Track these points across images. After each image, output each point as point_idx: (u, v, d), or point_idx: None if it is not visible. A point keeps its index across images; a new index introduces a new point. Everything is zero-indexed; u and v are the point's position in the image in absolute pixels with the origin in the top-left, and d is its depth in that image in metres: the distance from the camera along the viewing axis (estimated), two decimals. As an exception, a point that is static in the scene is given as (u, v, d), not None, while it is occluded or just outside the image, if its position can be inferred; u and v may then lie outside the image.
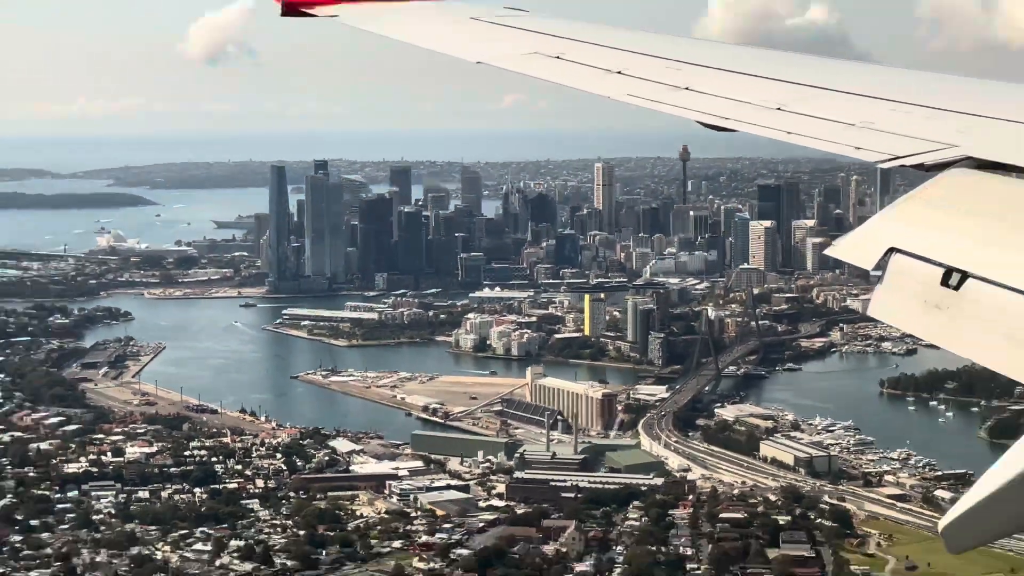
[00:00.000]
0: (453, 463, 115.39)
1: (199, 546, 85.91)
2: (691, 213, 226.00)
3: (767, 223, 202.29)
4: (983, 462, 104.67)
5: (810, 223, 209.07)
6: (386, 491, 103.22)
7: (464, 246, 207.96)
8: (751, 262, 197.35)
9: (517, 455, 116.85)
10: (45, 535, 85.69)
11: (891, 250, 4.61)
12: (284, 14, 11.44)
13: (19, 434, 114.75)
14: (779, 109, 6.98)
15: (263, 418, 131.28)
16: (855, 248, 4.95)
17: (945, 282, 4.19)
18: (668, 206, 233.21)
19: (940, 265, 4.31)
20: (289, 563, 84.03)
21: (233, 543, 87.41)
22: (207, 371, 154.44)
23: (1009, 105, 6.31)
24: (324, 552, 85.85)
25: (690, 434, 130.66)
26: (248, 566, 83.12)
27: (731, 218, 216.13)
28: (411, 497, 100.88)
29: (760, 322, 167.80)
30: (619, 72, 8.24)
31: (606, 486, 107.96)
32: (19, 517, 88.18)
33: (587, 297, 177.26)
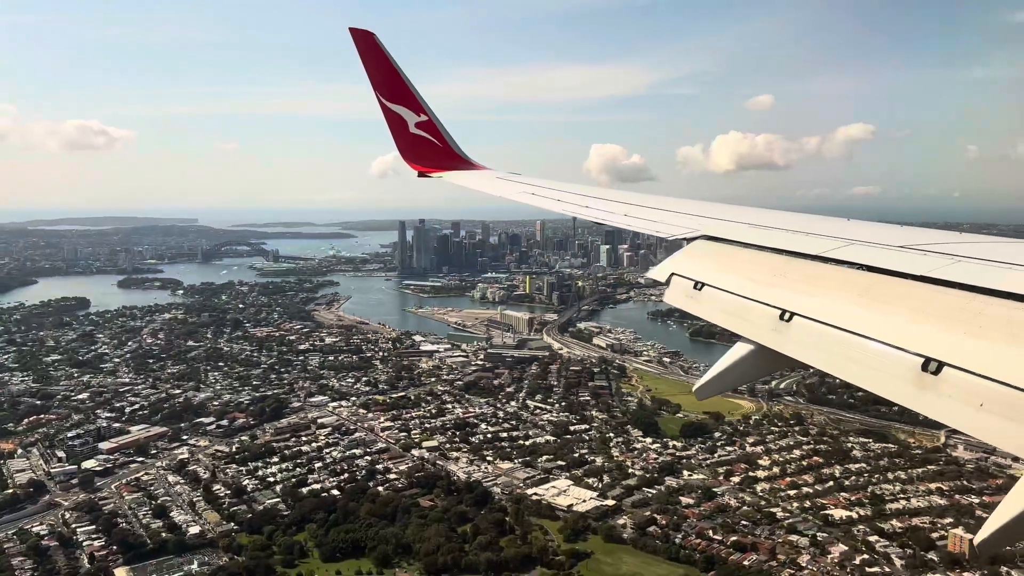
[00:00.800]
0: (465, 347, 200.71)
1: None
2: (577, 242, 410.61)
3: (607, 246, 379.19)
4: (685, 345, 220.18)
5: (625, 246, 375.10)
6: (433, 357, 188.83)
7: (481, 256, 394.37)
8: (601, 262, 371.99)
9: (488, 343, 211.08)
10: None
11: (672, 274, 8.84)
12: (419, 176, 19.15)
13: (282, 333, 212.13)
14: (625, 215, 12.64)
15: (386, 326, 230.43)
16: (658, 272, 9.23)
17: (695, 287, 8.36)
18: (567, 240, 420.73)
19: (693, 280, 8.47)
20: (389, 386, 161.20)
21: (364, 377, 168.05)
22: (368, 307, 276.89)
23: (719, 213, 11.36)
24: (412, 379, 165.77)
25: (564, 335, 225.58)
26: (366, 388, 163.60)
27: (594, 244, 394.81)
28: (443, 359, 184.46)
29: (600, 287, 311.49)
30: (558, 200, 14.99)
31: (524, 354, 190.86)
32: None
33: (528, 277, 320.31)
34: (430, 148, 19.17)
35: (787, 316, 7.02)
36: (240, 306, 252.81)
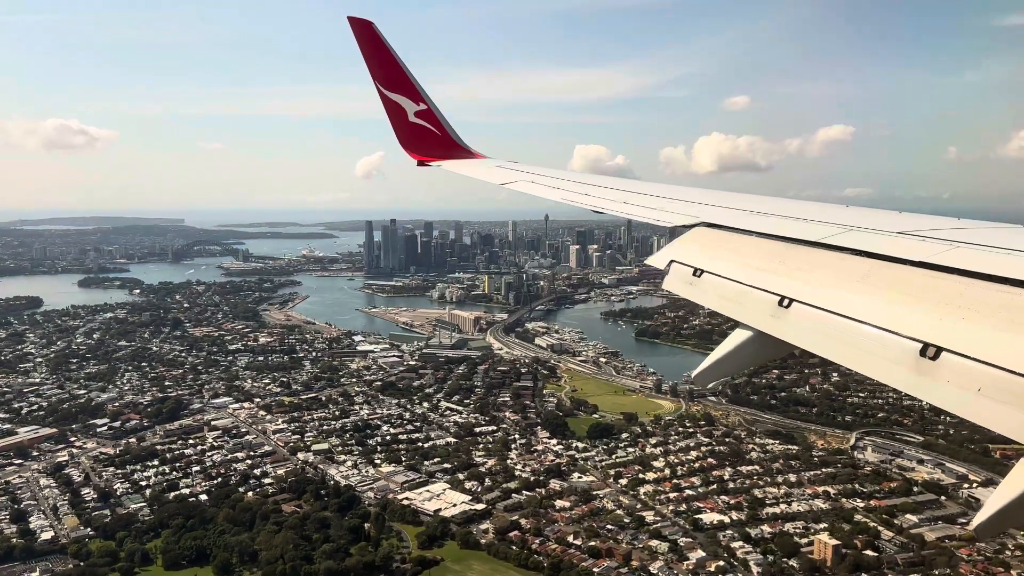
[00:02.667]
0: (404, 347, 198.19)
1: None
2: (548, 242, 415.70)
3: (576, 246, 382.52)
4: (630, 346, 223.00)
5: (594, 247, 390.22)
6: (367, 358, 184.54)
7: (451, 256, 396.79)
8: (570, 262, 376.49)
9: (426, 343, 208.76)
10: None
11: (672, 261, 8.95)
12: (419, 165, 18.86)
13: (220, 333, 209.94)
14: (624, 203, 12.53)
15: (332, 326, 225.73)
16: (657, 259, 9.19)
17: (694, 274, 8.41)
18: (539, 240, 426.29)
19: (692, 267, 8.54)
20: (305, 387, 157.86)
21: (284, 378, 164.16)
22: (324, 306, 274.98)
23: (718, 200, 11.35)
24: (332, 379, 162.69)
25: (509, 335, 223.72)
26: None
27: (564, 244, 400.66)
28: (375, 359, 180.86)
29: (560, 287, 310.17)
30: (556, 188, 14.74)
31: (458, 355, 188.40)
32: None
33: (487, 277, 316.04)
34: (429, 137, 19.04)
35: (786, 302, 7.04)
36: (186, 305, 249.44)
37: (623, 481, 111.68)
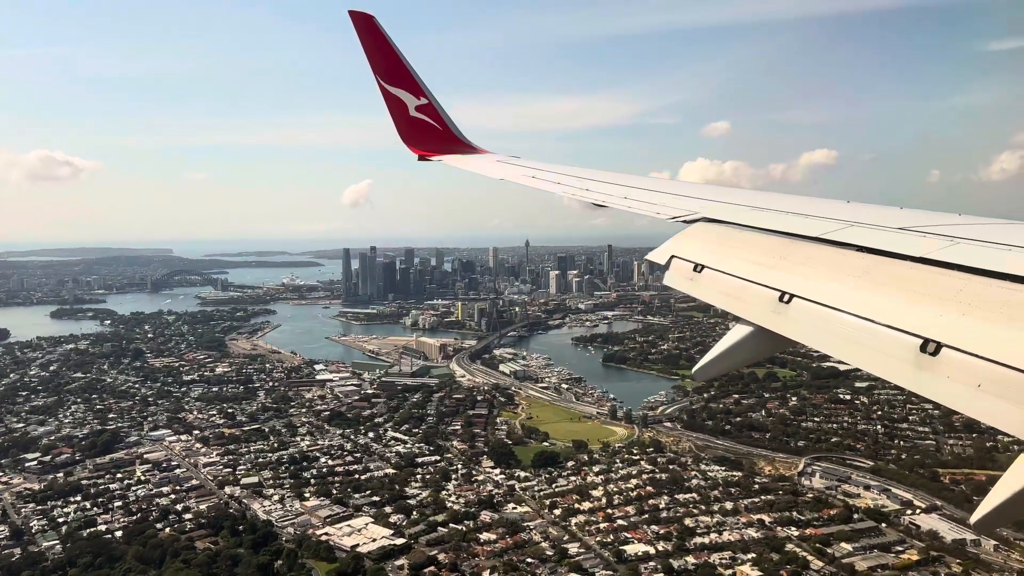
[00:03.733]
0: (366, 375, 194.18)
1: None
2: (528, 268, 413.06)
3: (556, 272, 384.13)
4: (597, 371, 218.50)
5: (575, 272, 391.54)
6: (325, 387, 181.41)
7: (430, 283, 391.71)
8: (550, 288, 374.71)
9: (386, 371, 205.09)
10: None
11: (672, 256, 9.00)
12: (419, 159, 18.54)
13: (181, 363, 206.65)
14: (625, 198, 12.54)
15: (297, 354, 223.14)
16: (657, 255, 9.27)
17: (695, 270, 8.49)
18: (520, 266, 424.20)
19: (693, 262, 8.64)
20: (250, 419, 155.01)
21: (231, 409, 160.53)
22: (294, 335, 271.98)
23: (719, 195, 11.39)
24: (281, 410, 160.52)
25: (475, 362, 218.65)
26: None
27: (544, 270, 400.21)
28: (332, 388, 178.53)
29: (534, 312, 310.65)
30: (558, 183, 14.59)
31: (416, 383, 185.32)
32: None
33: (460, 303, 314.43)
34: (430, 131, 18.79)
35: (787, 298, 7.05)
36: (150, 336, 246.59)
37: (557, 511, 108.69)
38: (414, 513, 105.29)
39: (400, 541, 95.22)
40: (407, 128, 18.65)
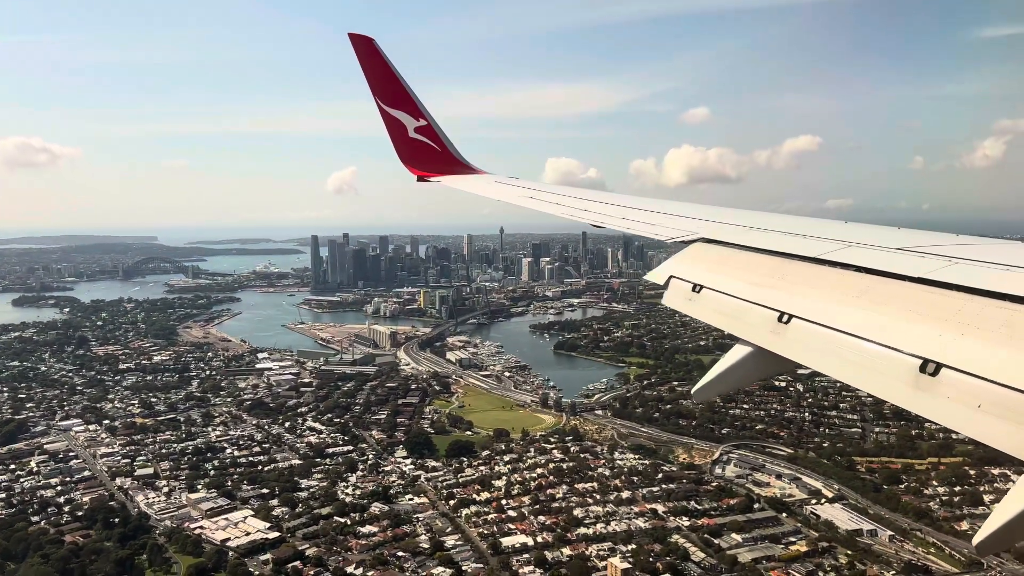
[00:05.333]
0: (310, 363, 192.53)
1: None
2: (502, 255, 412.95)
3: (529, 259, 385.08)
4: (548, 359, 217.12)
5: (547, 259, 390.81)
6: (263, 375, 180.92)
7: (401, 270, 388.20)
8: (523, 275, 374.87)
9: (327, 359, 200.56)
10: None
11: (671, 276, 9.05)
12: (418, 180, 18.97)
13: (126, 352, 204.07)
14: (623, 218, 12.76)
15: (246, 343, 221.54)
16: (656, 275, 9.24)
17: (693, 290, 8.56)
18: (495, 254, 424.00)
19: (691, 283, 8.67)
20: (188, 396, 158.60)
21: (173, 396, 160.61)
22: (252, 323, 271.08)
23: (717, 215, 11.49)
24: (204, 400, 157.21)
25: (425, 350, 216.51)
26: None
27: (517, 258, 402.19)
28: (270, 377, 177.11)
29: (498, 300, 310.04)
30: (556, 203, 14.94)
31: (355, 371, 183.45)
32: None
33: (423, 291, 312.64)
34: (429, 153, 19.07)
35: (785, 318, 7.04)
36: (99, 324, 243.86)
37: (453, 502, 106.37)
38: (300, 506, 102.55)
39: (275, 535, 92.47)
40: (406, 149, 18.90)
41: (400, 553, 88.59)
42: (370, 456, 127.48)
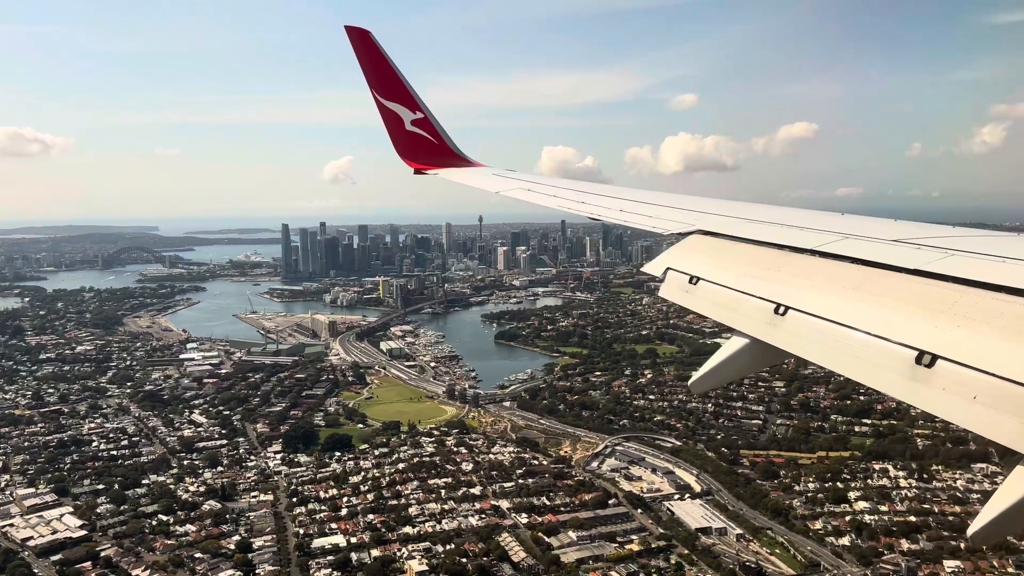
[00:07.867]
0: (239, 354, 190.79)
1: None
2: (479, 244, 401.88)
3: (505, 248, 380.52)
4: (490, 349, 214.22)
5: (523, 248, 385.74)
6: (184, 366, 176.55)
7: (375, 260, 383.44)
8: (499, 264, 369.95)
9: (247, 349, 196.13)
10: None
11: (668, 268, 9.02)
12: (415, 173, 18.98)
13: (58, 341, 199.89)
14: (621, 211, 12.63)
15: (186, 332, 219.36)
16: (653, 267, 9.21)
17: (690, 282, 8.51)
18: (472, 243, 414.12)
19: (688, 275, 8.64)
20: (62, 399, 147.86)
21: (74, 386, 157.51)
22: (208, 312, 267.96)
23: (714, 208, 11.44)
24: (91, 392, 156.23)
25: (363, 340, 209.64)
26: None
27: (493, 246, 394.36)
28: (187, 368, 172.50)
29: (453, 290, 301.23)
30: (553, 196, 14.97)
31: (275, 360, 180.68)
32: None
33: (383, 280, 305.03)
34: (426, 145, 18.92)
35: (782, 310, 7.02)
36: (41, 313, 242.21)
37: (290, 501, 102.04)
38: (126, 504, 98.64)
39: (81, 534, 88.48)
40: (403, 142, 18.79)
41: (198, 555, 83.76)
42: (241, 451, 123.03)
